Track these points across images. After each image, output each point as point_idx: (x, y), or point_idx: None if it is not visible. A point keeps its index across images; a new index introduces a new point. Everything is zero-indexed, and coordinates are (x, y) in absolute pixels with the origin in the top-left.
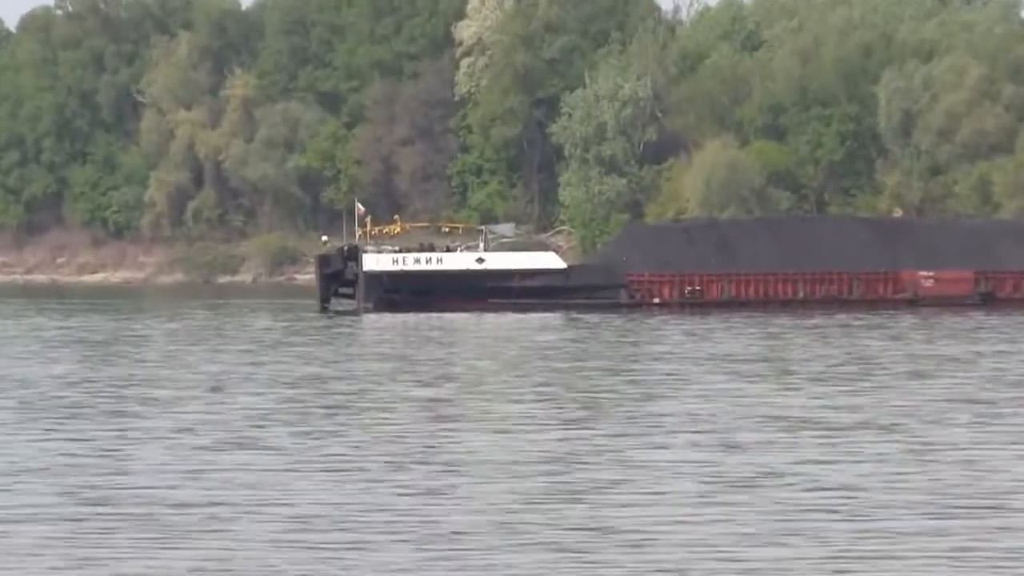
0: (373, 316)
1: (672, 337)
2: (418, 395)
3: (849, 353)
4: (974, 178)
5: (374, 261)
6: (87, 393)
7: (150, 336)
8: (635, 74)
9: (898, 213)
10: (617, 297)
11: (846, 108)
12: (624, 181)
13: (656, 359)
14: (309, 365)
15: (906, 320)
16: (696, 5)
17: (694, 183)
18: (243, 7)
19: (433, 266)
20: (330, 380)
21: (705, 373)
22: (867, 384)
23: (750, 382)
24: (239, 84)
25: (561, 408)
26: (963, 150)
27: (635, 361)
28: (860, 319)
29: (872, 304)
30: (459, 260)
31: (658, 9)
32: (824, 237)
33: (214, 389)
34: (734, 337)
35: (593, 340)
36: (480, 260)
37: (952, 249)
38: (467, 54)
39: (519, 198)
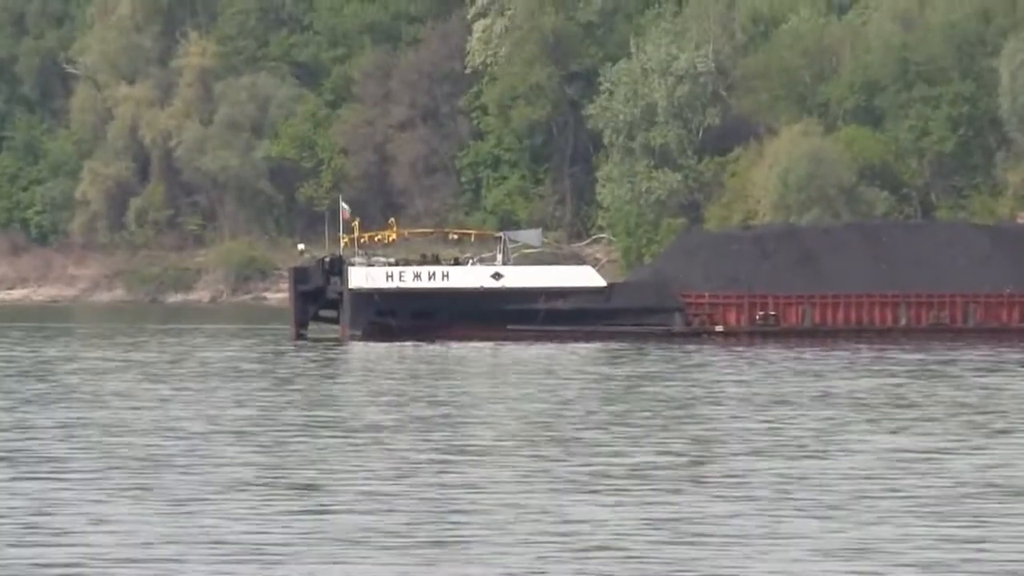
0: (361, 346)
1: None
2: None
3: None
4: None
5: (363, 276)
6: None
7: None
8: (693, 42)
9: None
10: (671, 323)
11: (959, 87)
12: (679, 177)
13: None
14: (263, 418)
15: None
16: None
17: (767, 179)
18: None
19: (437, 283)
20: (287, 447)
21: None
22: None
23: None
24: (194, 52)
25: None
26: None
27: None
28: (990, 355)
29: (994, 335)
30: (470, 276)
31: None
32: (932, 249)
33: None
34: (853, 377)
35: (647, 378)
36: (497, 276)
37: None
38: (482, 15)
39: (546, 198)
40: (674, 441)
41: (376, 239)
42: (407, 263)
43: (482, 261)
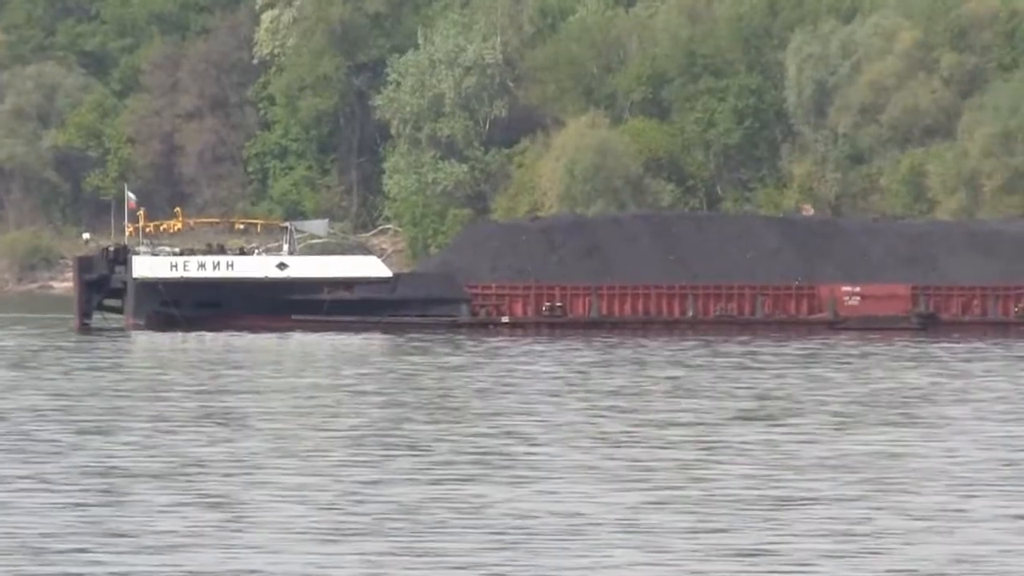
0: (145, 336)
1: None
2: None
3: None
4: (904, 168)
5: (147, 266)
6: None
7: None
8: (481, 33)
9: (808, 211)
10: (457, 314)
11: (745, 79)
12: (465, 168)
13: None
14: (39, 413)
15: (839, 348)
16: None
17: (554, 171)
18: None
19: (223, 273)
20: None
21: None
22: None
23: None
24: None
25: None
26: (891, 133)
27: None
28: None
29: (782, 326)
30: (256, 266)
31: None
32: (721, 241)
33: None
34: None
35: (427, 371)
36: (282, 266)
37: (884, 259)
38: (270, 6)
39: (333, 188)
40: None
41: (162, 228)
42: (192, 253)
43: (268, 251)
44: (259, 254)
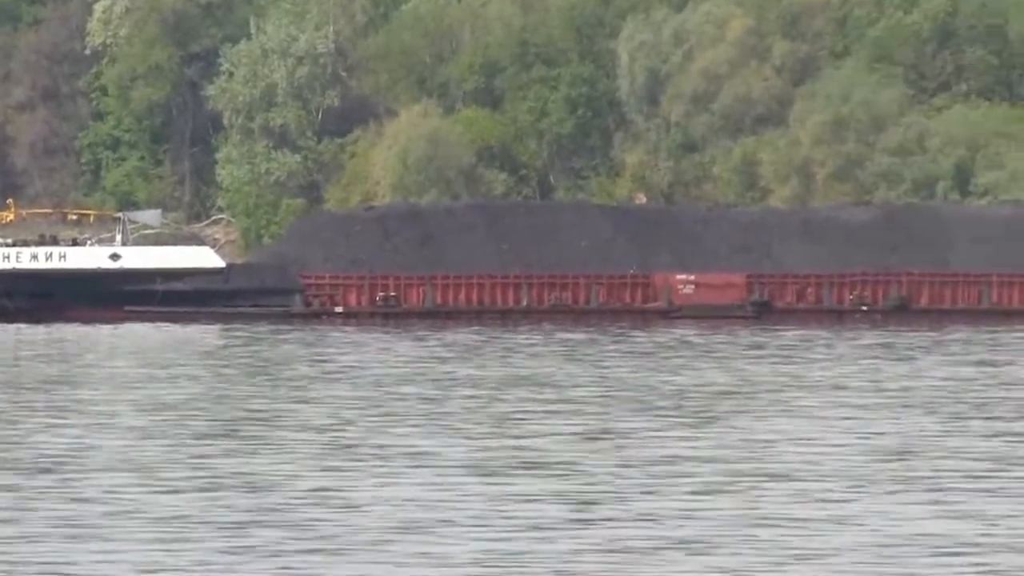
0: None
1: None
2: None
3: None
4: (736, 157)
5: None
6: None
7: None
8: (313, 23)
9: (641, 200)
10: (290, 304)
11: (577, 68)
12: (298, 158)
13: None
14: None
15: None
16: None
17: (386, 161)
18: None
19: (55, 264)
20: None
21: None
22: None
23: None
24: None
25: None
26: (723, 122)
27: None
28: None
29: (616, 316)
30: (89, 257)
31: None
32: (555, 230)
33: None
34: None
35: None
36: (115, 257)
37: (718, 247)
38: None
39: (166, 179)
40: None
41: None
42: (25, 244)
43: (101, 242)
44: (92, 245)
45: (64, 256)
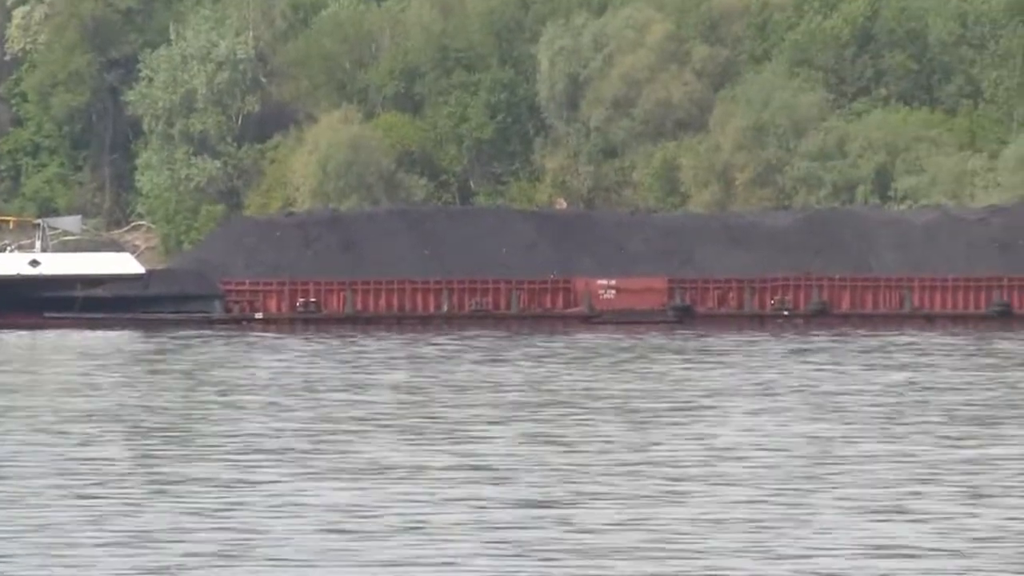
0: None
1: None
2: None
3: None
4: (657, 162)
5: None
6: None
7: None
8: (233, 29)
9: (561, 205)
10: (210, 310)
11: (497, 74)
12: (218, 164)
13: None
14: None
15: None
16: None
17: (307, 166)
18: None
19: None
20: None
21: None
22: None
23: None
24: None
25: None
26: (643, 127)
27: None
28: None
29: (537, 321)
30: (7, 263)
31: None
32: (476, 235)
33: None
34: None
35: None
36: (34, 263)
37: (639, 252)
38: (21, 2)
39: (86, 185)
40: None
41: None
42: None
43: (20, 248)
44: (11, 251)
45: None
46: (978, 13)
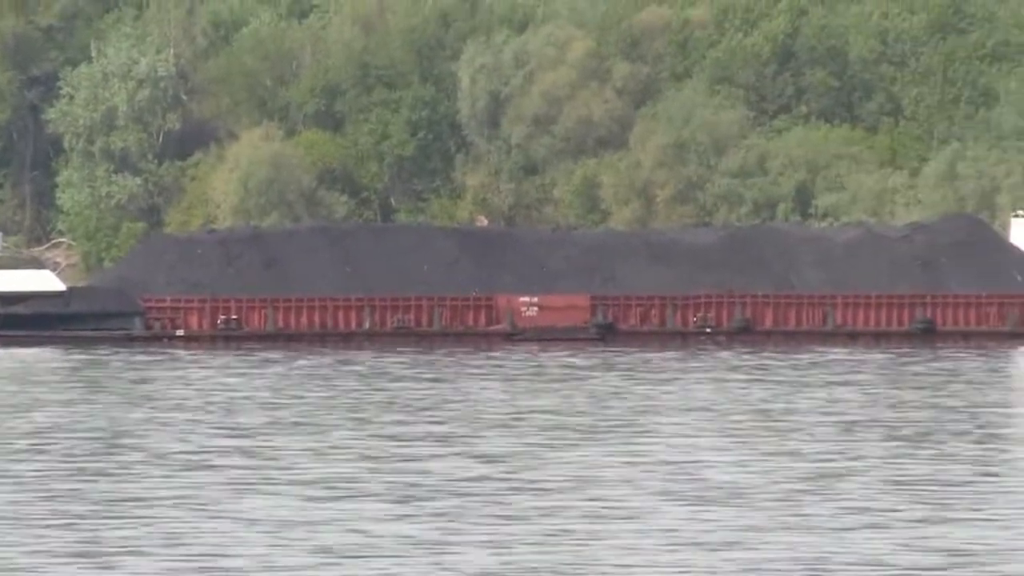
0: None
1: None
2: None
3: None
4: (577, 179)
5: None
6: None
7: None
8: (154, 46)
9: (482, 222)
10: (131, 327)
11: (418, 91)
12: (139, 181)
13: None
14: None
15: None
16: None
17: (228, 184)
18: None
19: None
20: None
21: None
22: None
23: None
24: None
25: None
26: (564, 144)
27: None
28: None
29: (459, 338)
30: None
31: None
32: (398, 252)
33: None
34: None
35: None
36: None
37: (561, 269)
38: None
39: (6, 202)
40: None
41: None
42: None
43: None
44: None
45: None
46: (898, 31)
